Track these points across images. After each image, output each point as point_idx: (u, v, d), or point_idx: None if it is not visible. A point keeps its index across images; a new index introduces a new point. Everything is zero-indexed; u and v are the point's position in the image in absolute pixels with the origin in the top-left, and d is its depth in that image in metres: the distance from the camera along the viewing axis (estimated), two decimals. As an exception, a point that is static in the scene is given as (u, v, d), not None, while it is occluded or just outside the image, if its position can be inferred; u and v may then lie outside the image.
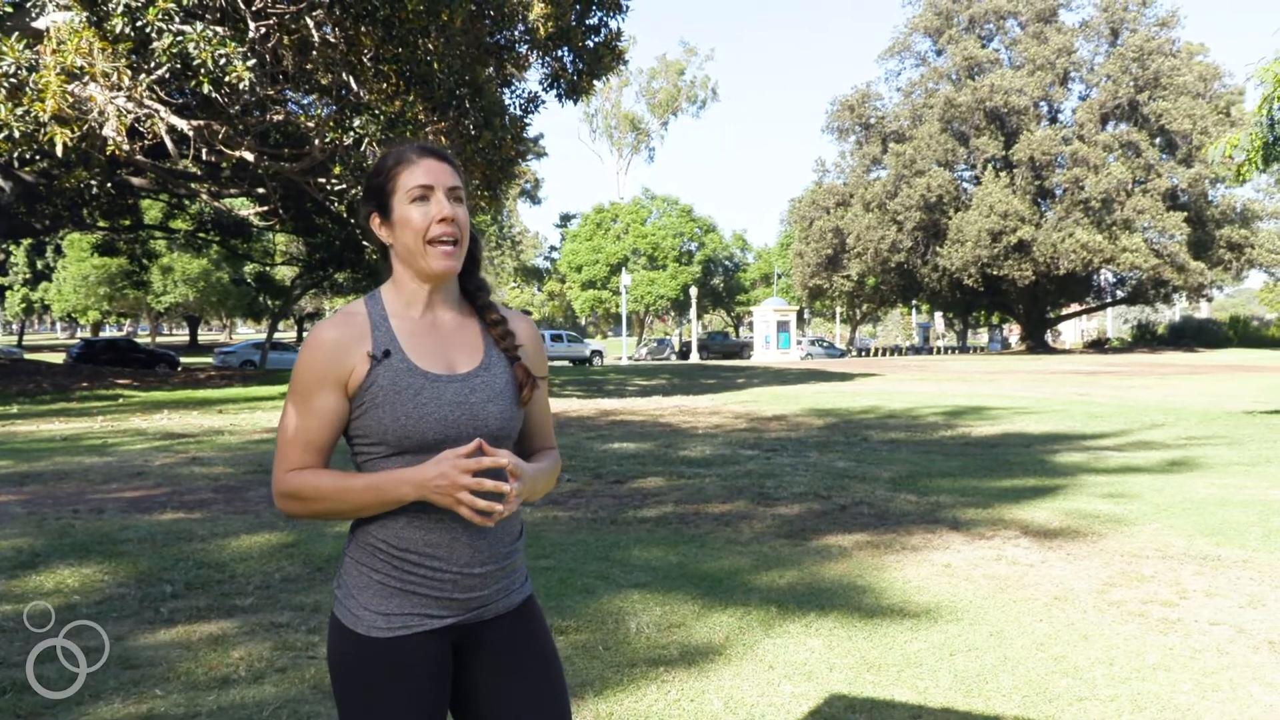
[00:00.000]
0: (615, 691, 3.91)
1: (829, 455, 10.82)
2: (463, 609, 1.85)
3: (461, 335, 1.92)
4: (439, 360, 1.86)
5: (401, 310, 1.89)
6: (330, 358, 1.81)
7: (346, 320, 1.85)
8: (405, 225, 1.85)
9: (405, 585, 1.81)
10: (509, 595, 1.93)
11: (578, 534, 6.86)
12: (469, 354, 1.90)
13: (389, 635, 1.81)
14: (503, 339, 1.94)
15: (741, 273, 78.75)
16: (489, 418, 1.85)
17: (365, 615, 1.82)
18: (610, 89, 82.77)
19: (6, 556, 6.06)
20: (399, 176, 1.87)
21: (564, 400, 19.89)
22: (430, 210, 1.84)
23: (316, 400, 1.81)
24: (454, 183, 1.88)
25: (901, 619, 4.86)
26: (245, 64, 13.65)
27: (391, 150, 1.94)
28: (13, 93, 13.86)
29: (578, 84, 19.41)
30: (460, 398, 1.83)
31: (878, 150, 59.12)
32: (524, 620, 1.96)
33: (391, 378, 1.80)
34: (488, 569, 1.86)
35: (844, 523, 7.22)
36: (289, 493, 1.80)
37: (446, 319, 1.92)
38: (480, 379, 1.87)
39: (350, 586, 1.84)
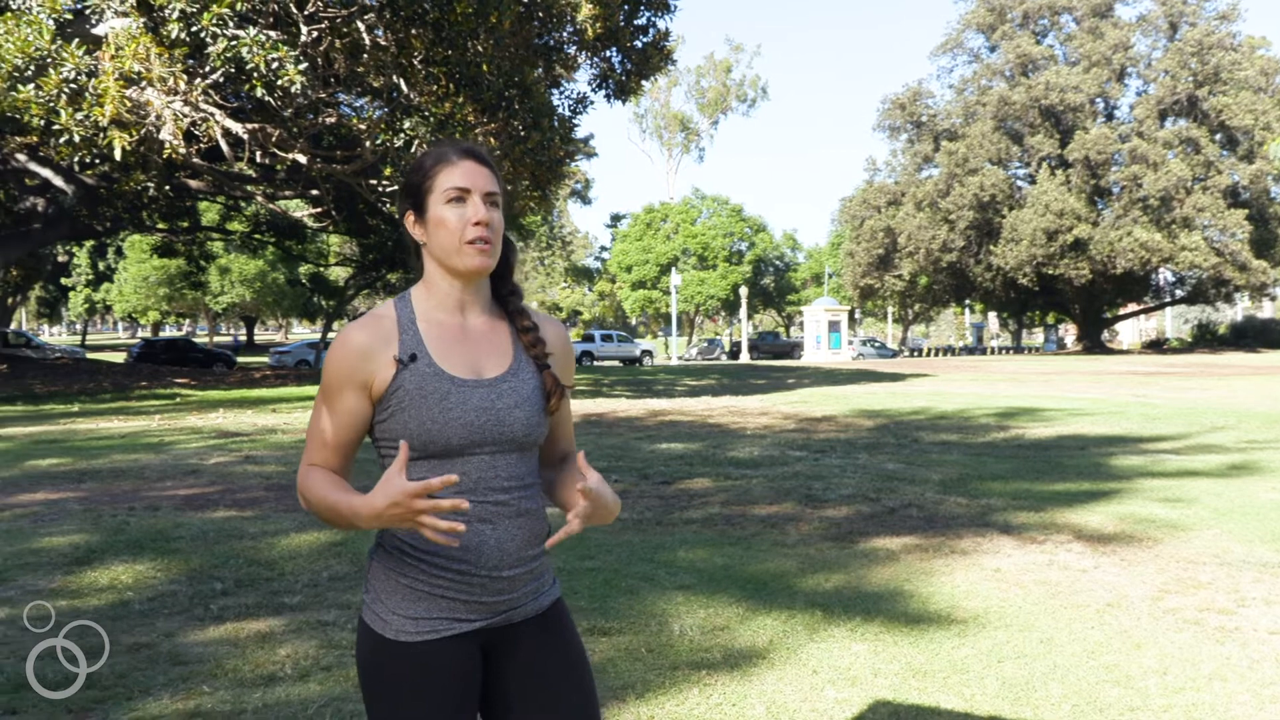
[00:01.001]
0: (657, 694, 3.89)
1: (878, 457, 10.72)
2: (491, 612, 1.85)
3: (491, 340, 1.90)
4: (466, 365, 1.85)
5: (431, 312, 1.88)
6: (356, 361, 1.80)
7: (374, 323, 1.84)
8: (440, 225, 1.84)
9: (433, 589, 1.81)
10: (537, 598, 1.92)
11: (624, 535, 6.85)
12: (497, 359, 1.89)
13: (418, 639, 1.80)
14: (533, 346, 1.92)
15: (792, 272, 78.38)
16: (514, 424, 1.84)
17: (394, 619, 1.81)
18: (659, 89, 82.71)
19: (64, 553, 6.18)
20: (437, 176, 1.86)
21: (613, 400, 19.91)
22: (466, 213, 1.83)
23: (340, 401, 1.82)
24: (491, 187, 1.87)
25: (949, 625, 4.79)
26: (297, 67, 13.82)
27: (432, 149, 1.93)
28: (73, 98, 14.15)
29: (626, 84, 19.43)
30: (486, 403, 1.82)
31: (929, 149, 58.51)
32: (553, 623, 1.95)
33: (418, 382, 1.79)
34: (515, 571, 1.85)
35: (892, 526, 7.14)
36: (300, 488, 1.83)
37: (477, 323, 1.91)
38: (508, 384, 1.86)
39: (378, 591, 1.84)
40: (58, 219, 29.02)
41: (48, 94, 14.10)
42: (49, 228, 29.64)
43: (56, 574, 5.71)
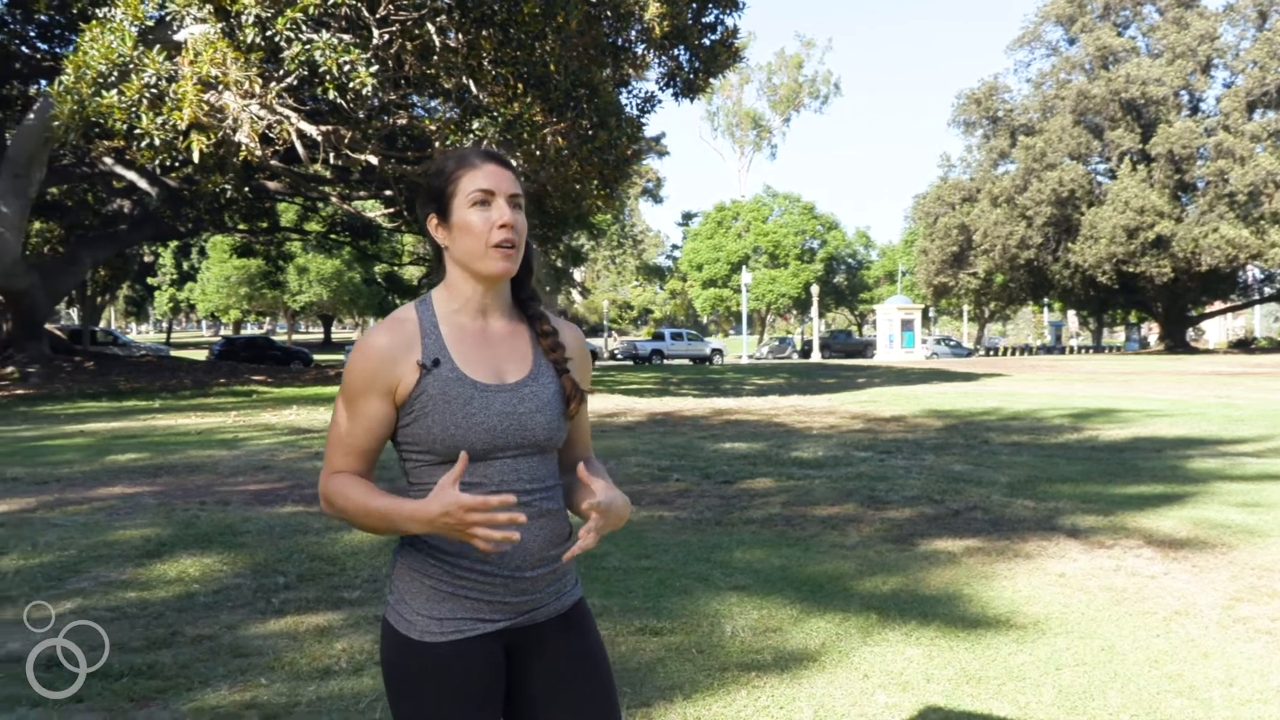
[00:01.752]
0: (704, 695, 3.88)
1: (945, 458, 10.56)
2: (514, 612, 1.86)
3: (511, 344, 1.91)
4: (488, 369, 1.85)
5: (452, 316, 1.88)
6: (379, 365, 1.81)
7: (396, 327, 1.85)
8: (465, 229, 1.84)
9: (457, 590, 1.82)
10: (560, 598, 1.93)
11: (682, 534, 6.84)
12: (518, 363, 1.89)
13: (442, 640, 1.81)
14: (552, 350, 1.93)
15: (865, 270, 77.63)
16: (536, 428, 1.85)
17: (418, 620, 1.82)
18: (730, 86, 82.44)
19: (135, 545, 6.36)
20: (461, 180, 1.87)
21: (679, 399, 19.90)
22: (491, 215, 1.84)
23: (362, 406, 1.82)
24: (515, 189, 1.87)
25: (1007, 630, 4.70)
26: (368, 70, 14.05)
27: (453, 153, 1.94)
28: (154, 103, 14.56)
29: (694, 82, 19.40)
30: (509, 408, 1.83)
31: (1006, 144, 57.45)
32: (575, 623, 1.95)
33: (441, 387, 1.80)
34: (538, 572, 1.85)
35: (955, 528, 7.02)
36: (326, 495, 1.83)
37: (498, 326, 1.91)
38: (529, 389, 1.87)
39: (402, 592, 1.85)
40: (143, 220, 29.93)
41: (130, 99, 14.53)
42: (134, 229, 30.59)
43: (128, 566, 5.87)
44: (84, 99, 14.65)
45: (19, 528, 7.00)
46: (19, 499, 8.27)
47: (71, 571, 5.73)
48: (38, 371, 23.05)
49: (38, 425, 14.95)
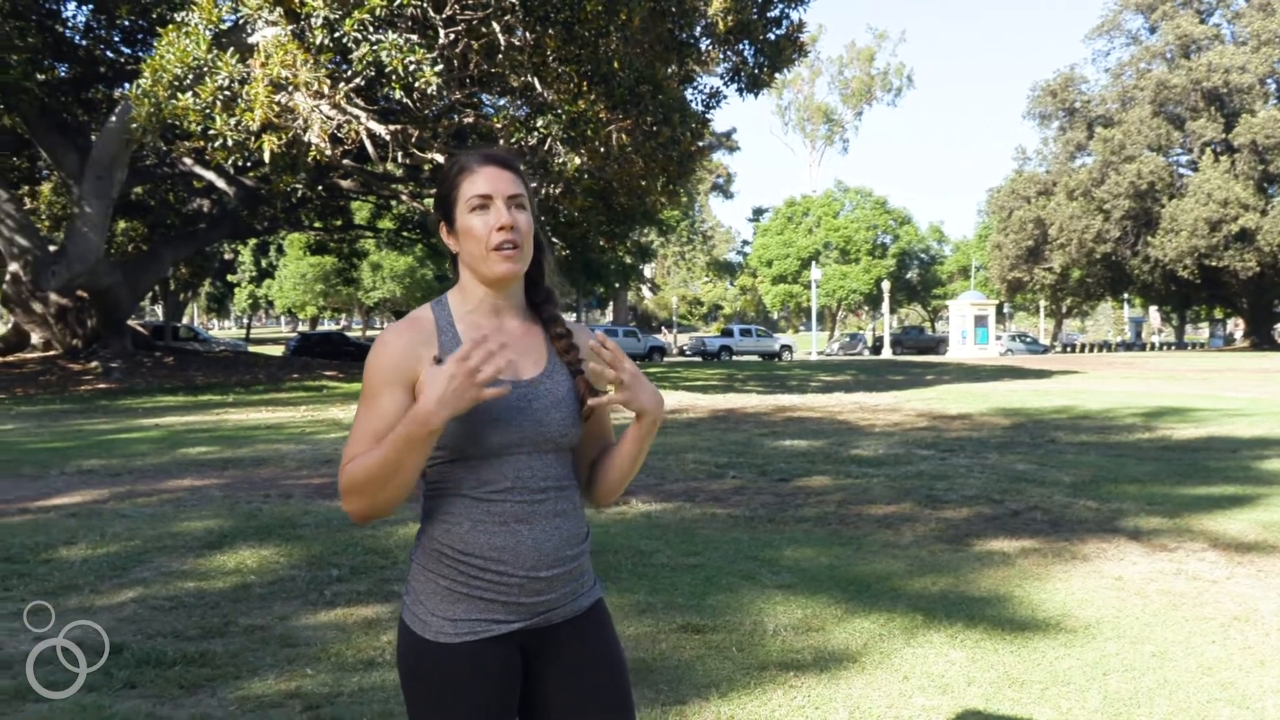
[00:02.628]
0: (740, 694, 3.87)
1: (1009, 457, 10.38)
2: (530, 613, 1.86)
3: (526, 342, 1.93)
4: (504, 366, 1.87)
5: (468, 315, 1.91)
6: (398, 360, 1.83)
7: (415, 324, 1.88)
8: (468, 234, 1.87)
9: (472, 590, 1.83)
10: (576, 599, 1.93)
11: (733, 531, 6.83)
12: (533, 361, 1.91)
13: (456, 640, 1.82)
14: (566, 352, 1.94)
15: (938, 266, 76.45)
16: (551, 425, 1.86)
17: (433, 621, 1.84)
18: (801, 80, 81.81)
19: (198, 536, 6.54)
20: (461, 185, 1.89)
21: (743, 395, 19.83)
22: (490, 219, 1.85)
23: (383, 401, 1.83)
24: (514, 190, 1.88)
25: (1056, 633, 4.61)
26: (433, 69, 14.22)
27: (456, 159, 1.96)
28: (227, 104, 14.91)
29: (759, 78, 19.30)
30: (523, 403, 1.84)
31: (1083, 136, 56.14)
32: (592, 625, 1.95)
33: None
34: (554, 572, 1.85)
35: (1012, 528, 6.91)
36: (344, 487, 1.80)
37: (512, 325, 1.93)
38: (544, 386, 1.88)
39: (418, 592, 1.87)
40: (221, 219, 30.67)
41: (204, 101, 14.90)
42: (213, 227, 31.36)
43: (189, 556, 6.04)
44: (160, 101, 15.06)
45: (90, 518, 7.23)
46: (93, 490, 8.55)
47: (135, 561, 5.91)
48: (120, 367, 23.75)
49: (116, 419, 15.43)
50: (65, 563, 5.86)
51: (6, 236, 23.03)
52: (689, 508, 7.68)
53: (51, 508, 7.72)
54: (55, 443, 12.12)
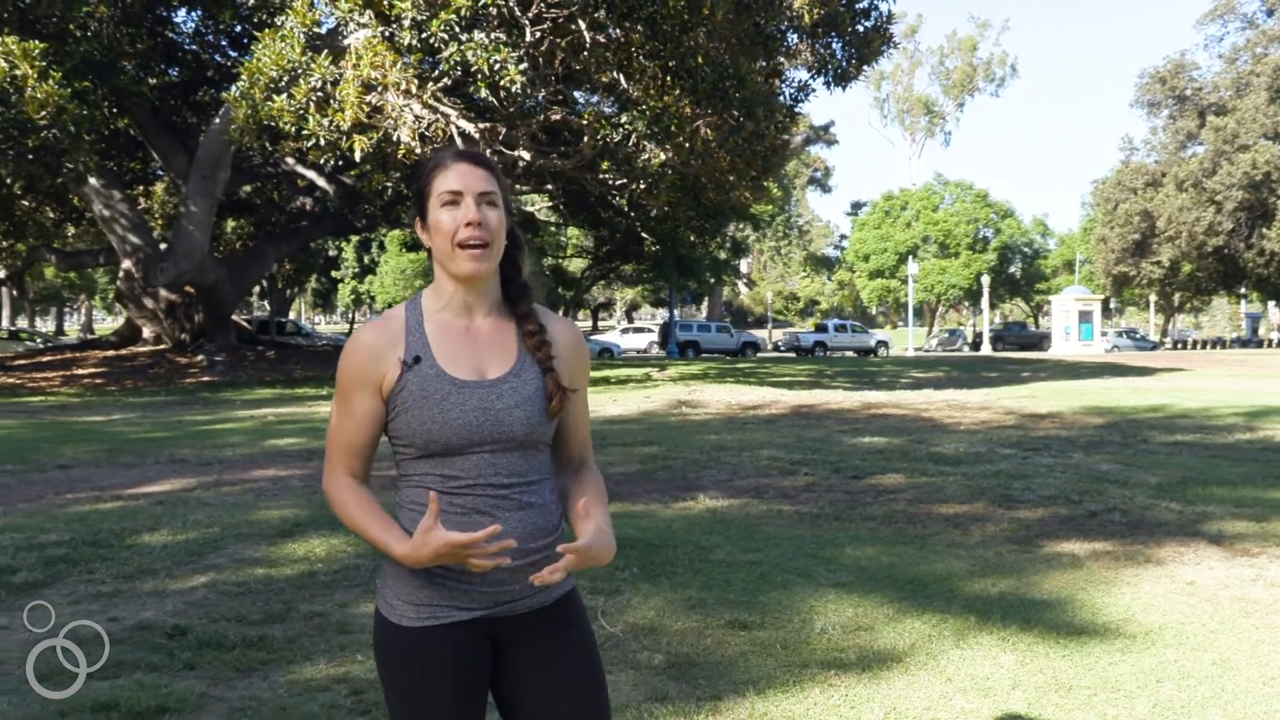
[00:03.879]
0: (777, 691, 3.86)
1: (1095, 457, 10.08)
2: (492, 602, 1.90)
3: (495, 341, 1.94)
4: (469, 366, 1.90)
5: (437, 315, 1.94)
6: (365, 362, 1.89)
7: (383, 326, 1.93)
8: (436, 229, 1.90)
9: (434, 577, 1.87)
10: (545, 590, 1.95)
11: (796, 529, 6.79)
12: (500, 360, 1.93)
13: (419, 625, 1.87)
14: (537, 349, 1.95)
15: (1041, 260, 74.43)
16: (514, 424, 1.88)
17: (398, 605, 1.89)
18: (900, 72, 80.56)
19: (273, 525, 6.75)
20: (433, 182, 1.92)
21: (829, 392, 19.63)
22: (458, 215, 1.89)
23: (354, 402, 1.90)
24: (485, 187, 1.90)
25: (1113, 639, 4.48)
26: (517, 68, 14.39)
27: (432, 156, 2.00)
28: (320, 105, 15.33)
29: (846, 71, 19.06)
30: (486, 404, 1.87)
31: (1193, 124, 53.99)
32: (562, 616, 1.98)
33: (420, 383, 1.86)
34: (515, 563, 1.87)
35: (1087, 530, 6.72)
36: (329, 497, 1.94)
37: (483, 324, 1.95)
38: (509, 385, 1.90)
39: (388, 577, 1.93)
40: (323, 217, 31.51)
41: (298, 102, 15.33)
42: (315, 225, 32.24)
43: (262, 544, 6.25)
44: (257, 103, 15.55)
45: (176, 506, 7.54)
46: (183, 479, 8.91)
47: (211, 548, 6.14)
48: (224, 360, 24.60)
49: (214, 410, 16.00)
50: (146, 548, 6.12)
51: (120, 235, 24.05)
52: (756, 504, 7.66)
53: (142, 495, 8.07)
54: (155, 433, 12.63)
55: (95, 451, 10.79)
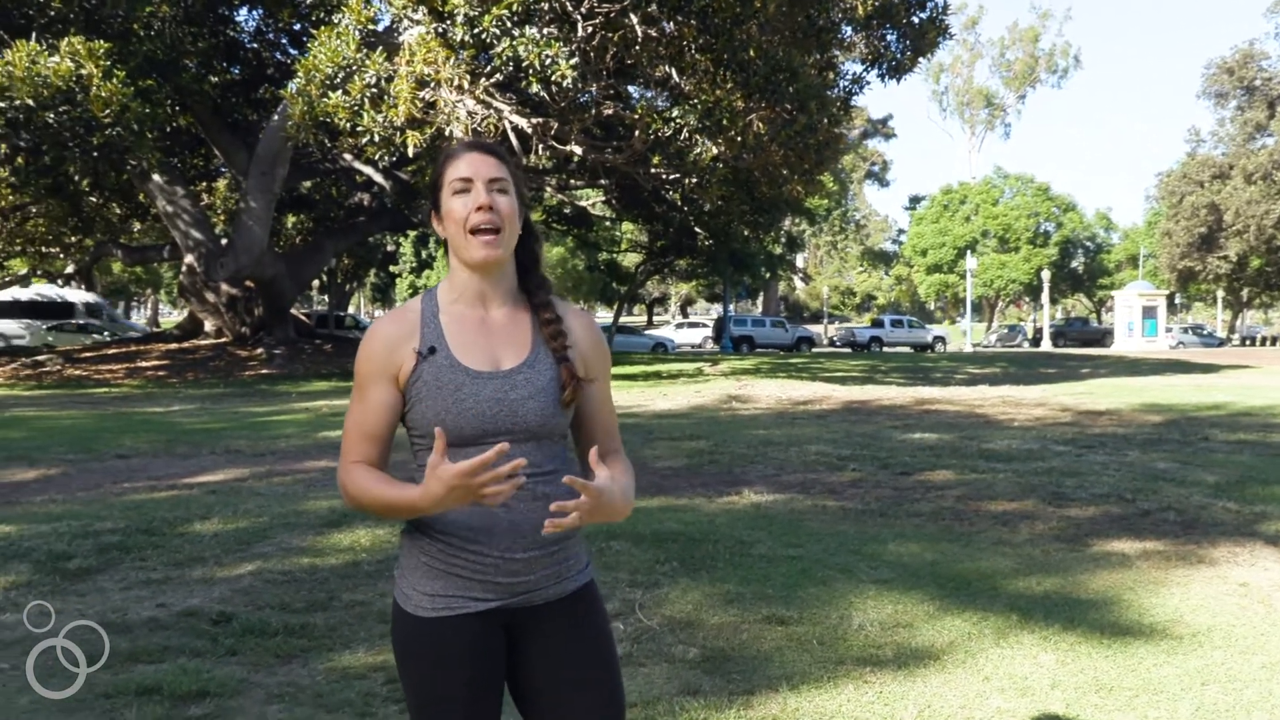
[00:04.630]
0: (810, 687, 3.84)
1: (1152, 455, 9.87)
2: (508, 593, 1.90)
3: (510, 331, 1.95)
4: (484, 356, 1.91)
5: (452, 305, 1.95)
6: (382, 354, 1.91)
7: (399, 317, 1.95)
8: (449, 216, 1.92)
9: (450, 568, 1.88)
10: (560, 582, 1.95)
11: (840, 524, 6.74)
12: (515, 350, 1.93)
13: (434, 615, 1.89)
14: (553, 339, 1.95)
15: (1105, 254, 73.01)
16: (528, 414, 1.88)
17: (414, 595, 1.91)
18: (960, 64, 79.47)
19: (321, 515, 6.84)
20: (445, 172, 1.94)
21: (882, 387, 19.44)
22: (469, 200, 1.90)
23: (371, 393, 1.92)
24: (496, 174, 1.92)
25: (1159, 640, 4.39)
26: (569, 63, 14.43)
27: (446, 148, 2.02)
28: (374, 101, 15.49)
29: (901, 63, 18.84)
30: (500, 394, 1.87)
31: (1263, 115, 52.57)
32: (578, 607, 1.98)
33: (434, 374, 1.88)
34: (530, 554, 1.89)
35: (1139, 529, 6.59)
36: (343, 484, 1.92)
37: (498, 314, 1.96)
38: (522, 375, 1.90)
39: (404, 567, 1.95)
40: (380, 212, 31.88)
41: (353, 99, 15.51)
42: (372, 220, 32.63)
43: (309, 534, 6.34)
44: (313, 100, 15.76)
45: (228, 495, 7.68)
46: (237, 469, 9.07)
47: (260, 537, 6.24)
48: (282, 353, 24.99)
49: (271, 402, 16.27)
50: (197, 536, 6.24)
51: (183, 230, 24.51)
52: (801, 499, 7.62)
53: (196, 484, 8.23)
54: (212, 424, 12.87)
55: (154, 442, 11.02)
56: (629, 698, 3.67)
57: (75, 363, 24.80)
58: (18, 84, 16.11)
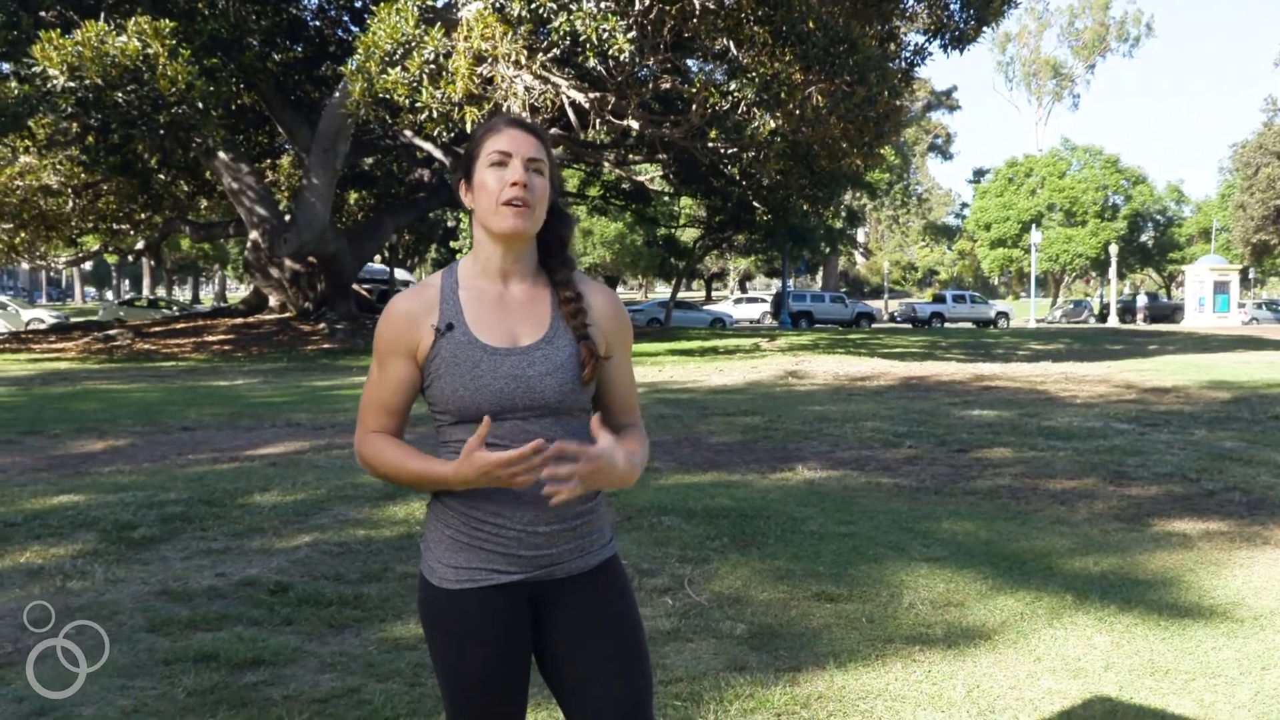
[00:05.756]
0: (858, 664, 3.82)
1: (1219, 433, 9.65)
2: (530, 566, 1.92)
3: (529, 308, 1.96)
4: (502, 333, 1.91)
5: (473, 281, 1.96)
6: (401, 328, 1.92)
7: (419, 293, 1.96)
8: (481, 187, 1.92)
9: (473, 541, 1.91)
10: (584, 556, 1.97)
11: (894, 501, 6.68)
12: (534, 326, 1.94)
13: (457, 587, 1.91)
14: (573, 316, 1.95)
15: (1175, 228, 71.18)
16: (545, 391, 1.89)
17: (438, 568, 1.94)
18: (1028, 34, 77.77)
19: (377, 488, 6.93)
20: (484, 143, 1.94)
21: (941, 363, 19.20)
22: (505, 175, 1.90)
23: (389, 368, 1.94)
24: (534, 154, 1.92)
25: (1219, 622, 4.30)
26: (625, 36, 14.37)
27: (485, 122, 2.02)
28: (433, 78, 15.57)
29: (965, 33, 18.47)
30: (517, 371, 1.88)
31: (1348, 83, 50.77)
32: (601, 580, 1.99)
33: (453, 350, 1.89)
34: (553, 528, 1.90)
35: (1202, 509, 6.45)
36: (362, 454, 1.95)
37: (517, 291, 1.96)
38: (541, 352, 1.91)
39: (429, 541, 1.97)
40: (439, 188, 32.07)
41: (412, 75, 15.61)
42: (432, 196, 32.86)
43: (365, 506, 6.44)
44: (373, 77, 15.89)
45: (288, 467, 7.82)
46: (297, 441, 9.23)
47: (318, 509, 6.36)
48: (344, 328, 25.34)
49: (332, 376, 16.52)
50: (257, 507, 6.37)
51: (248, 207, 24.93)
52: (855, 476, 7.56)
53: (258, 456, 8.40)
54: (275, 397, 13.12)
55: (218, 414, 11.26)
56: (675, 672, 3.69)
57: (144, 337, 25.39)
58: (87, 64, 16.46)
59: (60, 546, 5.44)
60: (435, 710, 3.42)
